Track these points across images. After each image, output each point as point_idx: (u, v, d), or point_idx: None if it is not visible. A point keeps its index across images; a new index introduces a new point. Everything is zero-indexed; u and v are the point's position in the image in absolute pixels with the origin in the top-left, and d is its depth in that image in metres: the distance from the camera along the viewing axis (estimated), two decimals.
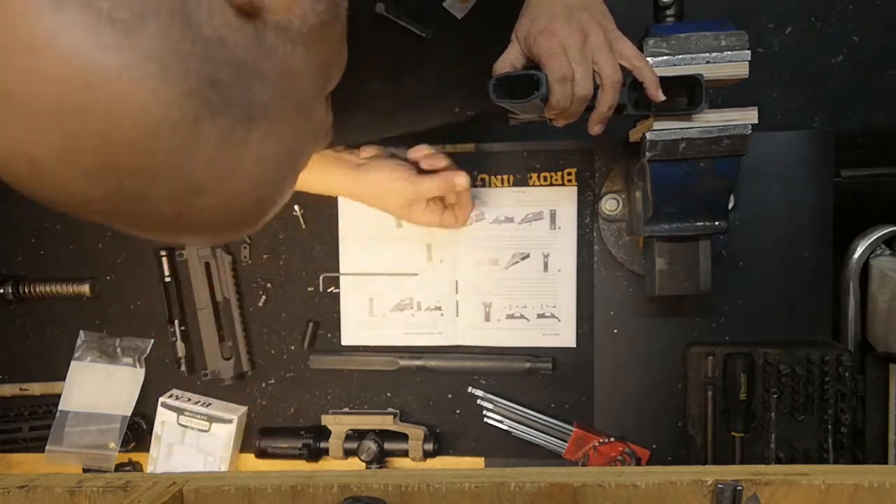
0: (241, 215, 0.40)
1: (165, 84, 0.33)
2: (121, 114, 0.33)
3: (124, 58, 0.32)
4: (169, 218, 0.37)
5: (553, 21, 0.64)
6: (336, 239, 1.03)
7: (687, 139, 0.70)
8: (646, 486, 0.49)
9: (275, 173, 0.40)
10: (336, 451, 1.00)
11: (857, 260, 0.98)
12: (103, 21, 0.32)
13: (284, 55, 0.38)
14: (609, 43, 0.64)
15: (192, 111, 0.34)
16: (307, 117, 0.42)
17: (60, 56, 0.31)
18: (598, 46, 0.64)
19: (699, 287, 0.84)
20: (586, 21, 0.64)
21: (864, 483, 0.48)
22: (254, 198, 0.40)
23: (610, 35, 0.65)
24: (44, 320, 1.09)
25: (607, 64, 0.63)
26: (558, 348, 1.00)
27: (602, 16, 0.66)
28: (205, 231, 0.40)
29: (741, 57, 0.68)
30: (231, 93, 0.36)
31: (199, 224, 0.39)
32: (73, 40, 0.31)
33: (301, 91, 0.40)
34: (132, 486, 0.52)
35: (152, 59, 0.33)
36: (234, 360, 1.04)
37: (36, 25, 0.31)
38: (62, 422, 1.05)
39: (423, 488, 0.50)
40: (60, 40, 0.31)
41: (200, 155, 0.36)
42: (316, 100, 0.43)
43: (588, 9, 0.65)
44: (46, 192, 0.35)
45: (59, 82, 0.32)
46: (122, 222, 0.38)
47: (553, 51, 0.63)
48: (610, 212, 0.96)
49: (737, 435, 0.91)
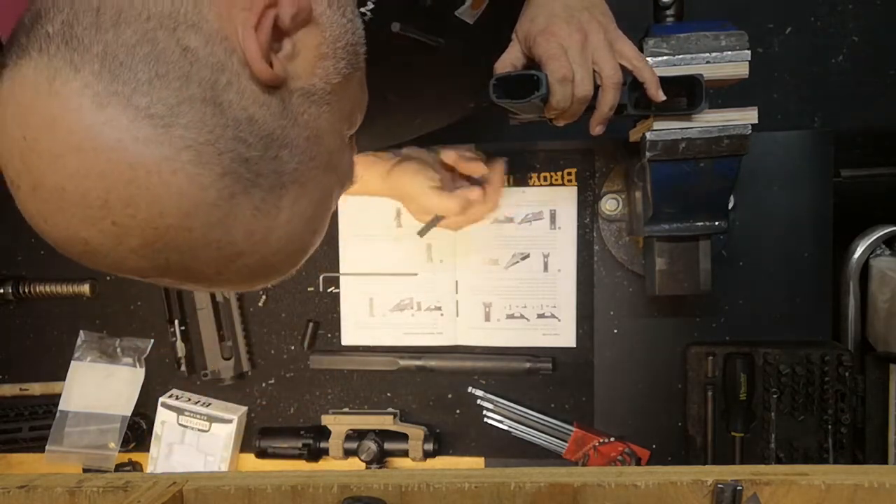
0: (274, 268, 0.43)
1: (201, 169, 0.35)
2: (163, 202, 0.35)
3: (162, 150, 0.34)
4: (210, 277, 0.40)
5: (553, 21, 0.64)
6: (336, 239, 1.02)
7: (687, 139, 0.70)
8: (646, 486, 0.49)
9: (306, 228, 0.43)
10: (336, 451, 1.00)
11: (857, 260, 0.97)
12: (141, 117, 0.34)
13: (310, 119, 0.41)
14: (609, 43, 0.64)
15: (227, 189, 0.37)
16: (333, 171, 0.44)
17: (104, 153, 0.34)
18: (598, 47, 0.64)
19: (699, 287, 0.84)
20: (586, 21, 0.64)
21: (864, 483, 0.48)
22: (288, 252, 0.43)
23: (610, 35, 0.65)
24: (44, 320, 1.09)
25: (608, 64, 0.63)
26: (558, 348, 1.00)
27: (602, 15, 0.66)
28: (243, 283, 0.43)
29: (741, 57, 0.68)
30: (262, 166, 0.38)
31: (237, 279, 0.42)
32: (115, 138, 0.34)
33: (327, 149, 0.43)
34: (132, 486, 0.52)
35: (188, 148, 0.35)
36: (234, 360, 1.04)
37: (78, 125, 0.34)
38: (62, 422, 1.05)
39: (423, 488, 0.50)
40: (103, 138, 0.34)
41: (237, 227, 0.38)
42: (341, 151, 0.45)
43: (588, 8, 0.65)
44: (102, 266, 0.38)
45: (104, 177, 0.34)
46: (170, 284, 0.41)
47: (553, 51, 0.62)
48: (610, 212, 0.96)
49: (737, 435, 0.91)
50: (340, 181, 0.46)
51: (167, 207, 0.35)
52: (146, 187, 0.35)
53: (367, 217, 1.01)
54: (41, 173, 0.35)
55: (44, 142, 0.34)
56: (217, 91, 0.36)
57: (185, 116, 0.35)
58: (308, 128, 0.40)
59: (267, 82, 0.38)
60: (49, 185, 0.35)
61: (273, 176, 0.38)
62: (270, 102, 0.38)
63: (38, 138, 0.34)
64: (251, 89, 0.37)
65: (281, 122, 0.39)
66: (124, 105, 0.34)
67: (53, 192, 0.35)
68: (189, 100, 0.35)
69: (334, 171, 0.44)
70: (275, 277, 0.44)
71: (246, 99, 0.37)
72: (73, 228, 0.36)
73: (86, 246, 0.37)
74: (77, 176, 0.34)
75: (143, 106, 0.34)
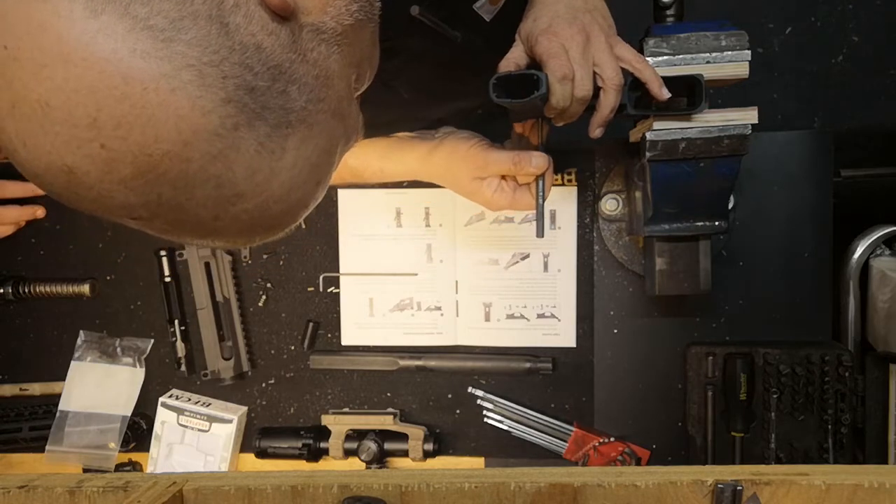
0: (275, 219, 0.40)
1: (203, 92, 0.33)
2: (159, 124, 0.32)
3: (161, 66, 0.32)
4: (206, 222, 0.37)
5: (555, 22, 0.64)
6: (336, 239, 1.03)
7: (687, 139, 0.70)
8: (646, 486, 0.49)
9: (310, 177, 0.40)
10: (336, 451, 1.00)
11: (857, 260, 0.97)
12: (140, 28, 0.31)
13: (319, 57, 0.38)
14: (610, 46, 0.64)
15: (231, 119, 0.34)
16: (341, 120, 0.42)
17: (95, 64, 0.31)
18: (599, 49, 0.64)
19: (699, 287, 0.84)
20: (588, 23, 0.64)
21: (864, 483, 0.48)
22: (289, 201, 0.40)
23: (610, 39, 0.65)
24: (44, 320, 1.09)
25: (609, 66, 0.63)
26: (558, 348, 1.00)
27: (604, 19, 0.66)
28: (239, 235, 0.40)
29: (741, 57, 0.68)
30: (268, 98, 0.35)
31: (234, 228, 0.39)
32: (109, 48, 0.31)
33: (335, 94, 0.40)
34: (132, 486, 0.52)
35: (190, 67, 0.32)
36: (234, 360, 1.04)
37: (69, 32, 0.31)
38: (62, 422, 1.05)
39: (423, 488, 0.50)
40: (96, 47, 0.31)
41: (238, 163, 0.35)
42: (349, 102, 0.43)
43: (591, 11, 0.65)
44: (85, 202, 0.35)
45: (94, 92, 0.31)
46: (159, 228, 0.38)
47: (554, 51, 0.62)
48: (610, 212, 0.96)
49: (737, 435, 0.91)
50: (347, 134, 0.43)
51: (163, 131, 0.32)
52: (141, 105, 0.31)
53: (367, 217, 1.01)
54: (23, 86, 0.31)
55: (28, 50, 0.31)
56: (224, 11, 0.33)
57: (188, 32, 0.32)
58: (317, 66, 0.38)
59: (277, 9, 0.35)
60: (31, 100, 0.31)
61: (280, 112, 0.36)
62: (280, 32, 0.36)
63: (20, 47, 0.31)
64: (260, 15, 0.35)
65: (290, 55, 0.36)
66: (121, 13, 0.31)
67: (36, 108, 0.31)
68: (193, 15, 0.32)
69: (342, 120, 0.42)
70: (273, 232, 0.42)
71: (254, 24, 0.34)
72: (56, 153, 0.32)
73: (69, 176, 0.33)
74: (64, 89, 0.31)
75: (141, 16, 0.31)
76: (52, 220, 1.07)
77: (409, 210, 1.01)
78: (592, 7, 0.66)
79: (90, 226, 1.06)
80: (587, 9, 0.65)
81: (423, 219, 1.01)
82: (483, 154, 0.77)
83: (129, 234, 1.07)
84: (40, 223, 1.07)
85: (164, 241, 1.04)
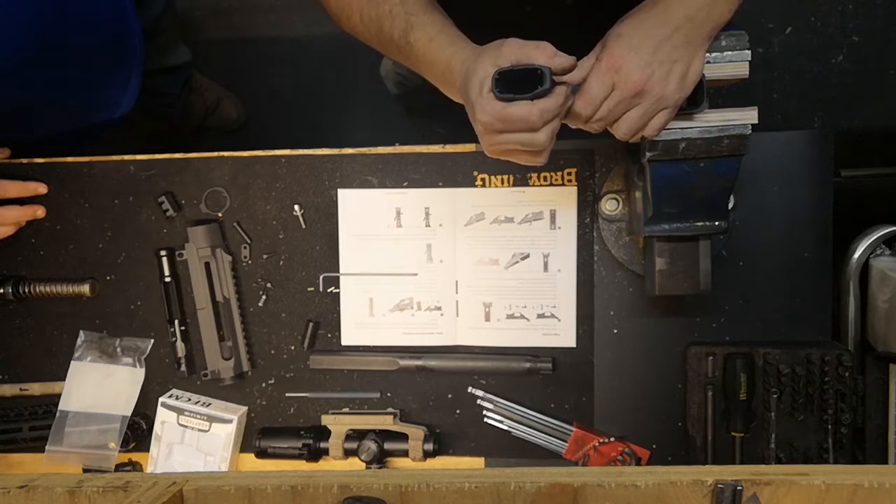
0: None
1: None
2: None
3: None
4: None
5: (632, 57, 0.61)
6: (336, 239, 1.03)
7: (687, 139, 0.70)
8: (646, 486, 0.49)
9: None
10: (336, 451, 1.00)
11: (857, 260, 0.98)
12: None
13: None
14: (651, 114, 0.63)
15: None
16: None
17: None
18: (640, 112, 0.62)
19: (699, 287, 0.84)
20: (657, 80, 0.61)
21: (864, 483, 0.48)
22: None
23: (661, 104, 0.62)
24: (44, 320, 1.08)
25: (626, 129, 0.63)
26: (558, 348, 1.00)
27: (679, 81, 0.62)
28: None
29: (741, 57, 0.68)
30: None
31: None
32: None
33: None
34: (132, 486, 0.52)
35: None
36: (234, 360, 1.04)
37: None
38: (62, 422, 1.05)
39: (423, 488, 0.50)
40: None
41: None
42: None
43: (676, 62, 0.61)
44: None
45: None
46: None
47: (597, 85, 0.61)
48: (610, 212, 0.96)
49: (737, 435, 0.91)
50: None
51: None
52: None
53: (367, 217, 1.01)
54: None
55: None
56: None
57: None
58: None
59: None
60: None
61: None
62: None
63: None
64: None
65: None
66: None
67: None
68: None
69: None
70: None
71: None
72: None
73: None
74: None
75: None
76: (52, 220, 1.07)
77: (409, 210, 1.01)
78: (679, 57, 0.61)
79: (90, 226, 1.06)
80: (674, 59, 0.61)
81: (423, 219, 1.01)
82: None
83: (130, 234, 1.07)
84: (40, 223, 1.07)
85: (164, 241, 1.05)
